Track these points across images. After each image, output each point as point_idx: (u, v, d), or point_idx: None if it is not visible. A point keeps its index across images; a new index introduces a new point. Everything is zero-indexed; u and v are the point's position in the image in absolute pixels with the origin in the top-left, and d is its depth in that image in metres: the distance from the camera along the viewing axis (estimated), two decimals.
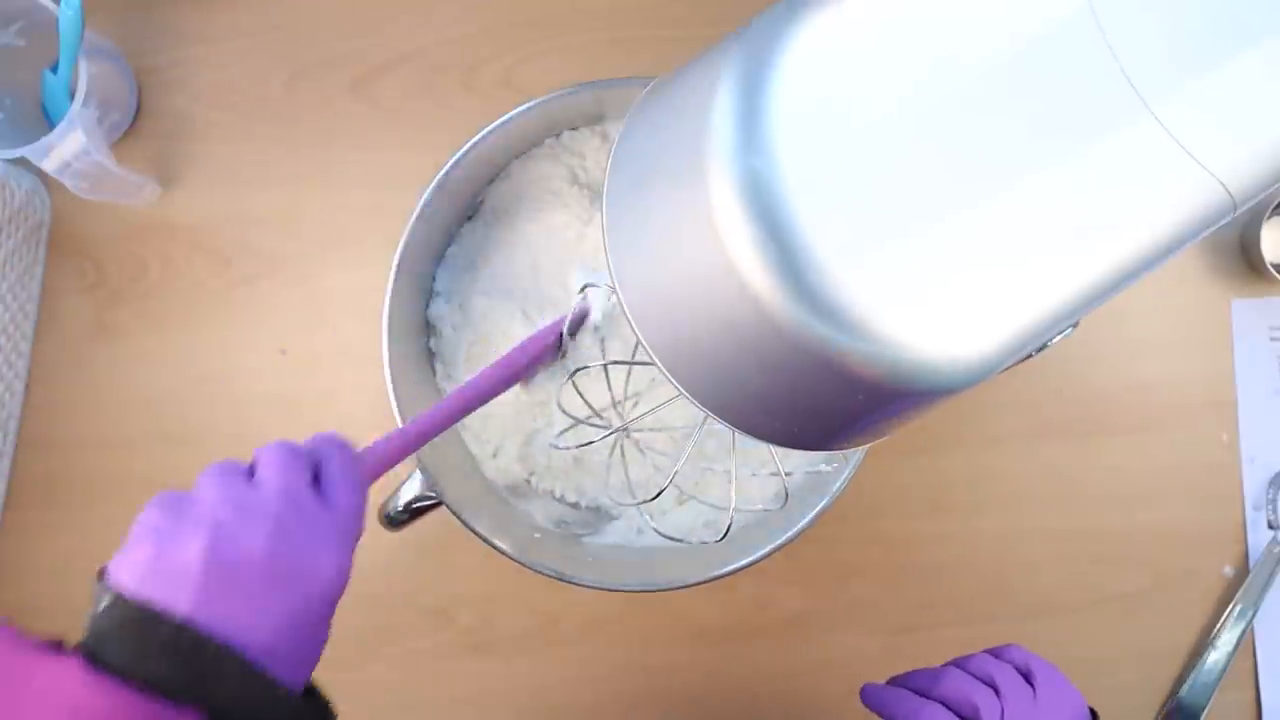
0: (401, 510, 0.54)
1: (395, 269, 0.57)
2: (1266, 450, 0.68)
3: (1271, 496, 0.67)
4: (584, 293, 0.54)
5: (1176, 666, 0.67)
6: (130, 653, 0.32)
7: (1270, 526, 0.67)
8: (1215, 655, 0.66)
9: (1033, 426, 0.69)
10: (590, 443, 0.53)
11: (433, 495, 0.53)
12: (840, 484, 0.56)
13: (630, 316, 0.33)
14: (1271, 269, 0.65)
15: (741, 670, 0.68)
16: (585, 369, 0.54)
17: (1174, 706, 0.66)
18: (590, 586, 0.57)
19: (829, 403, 0.32)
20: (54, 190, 0.69)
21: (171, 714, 0.32)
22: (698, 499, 0.61)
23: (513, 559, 0.57)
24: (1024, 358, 0.33)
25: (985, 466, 0.68)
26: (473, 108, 0.69)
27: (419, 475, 0.54)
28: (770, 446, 0.58)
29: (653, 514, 0.61)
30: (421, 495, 0.53)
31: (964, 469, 0.68)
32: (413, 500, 0.53)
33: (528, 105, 0.58)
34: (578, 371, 0.53)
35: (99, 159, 0.61)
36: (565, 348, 0.56)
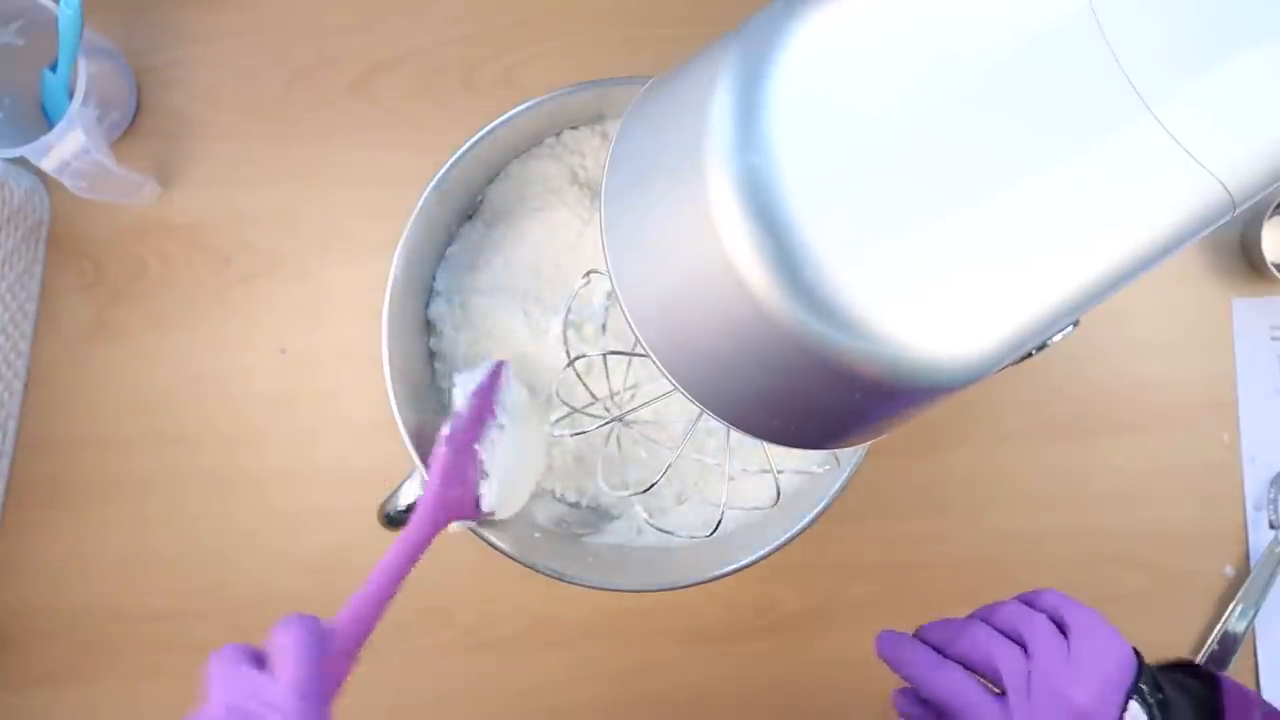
0: (402, 510, 0.54)
1: (395, 268, 0.57)
2: (1267, 450, 0.68)
3: (1272, 496, 0.67)
4: (588, 278, 0.54)
5: None
6: None
7: (1271, 526, 0.67)
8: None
9: (1033, 426, 0.68)
10: (584, 431, 0.53)
11: None
12: (840, 484, 0.56)
13: (628, 314, 0.33)
14: (1272, 268, 0.65)
15: (741, 670, 0.68)
16: (584, 357, 0.54)
17: None
18: (590, 586, 0.57)
19: (827, 401, 0.32)
20: (53, 189, 0.69)
21: None
22: (697, 498, 0.61)
23: (513, 559, 0.57)
24: (1024, 356, 0.33)
25: (985, 466, 0.68)
26: (472, 107, 0.69)
27: (419, 475, 0.54)
28: (765, 444, 0.58)
29: (651, 511, 0.61)
30: (421, 495, 0.53)
31: (964, 469, 0.68)
32: (413, 500, 0.53)
33: (527, 104, 0.58)
34: (576, 359, 0.53)
35: (98, 158, 0.61)
36: (567, 341, 0.56)
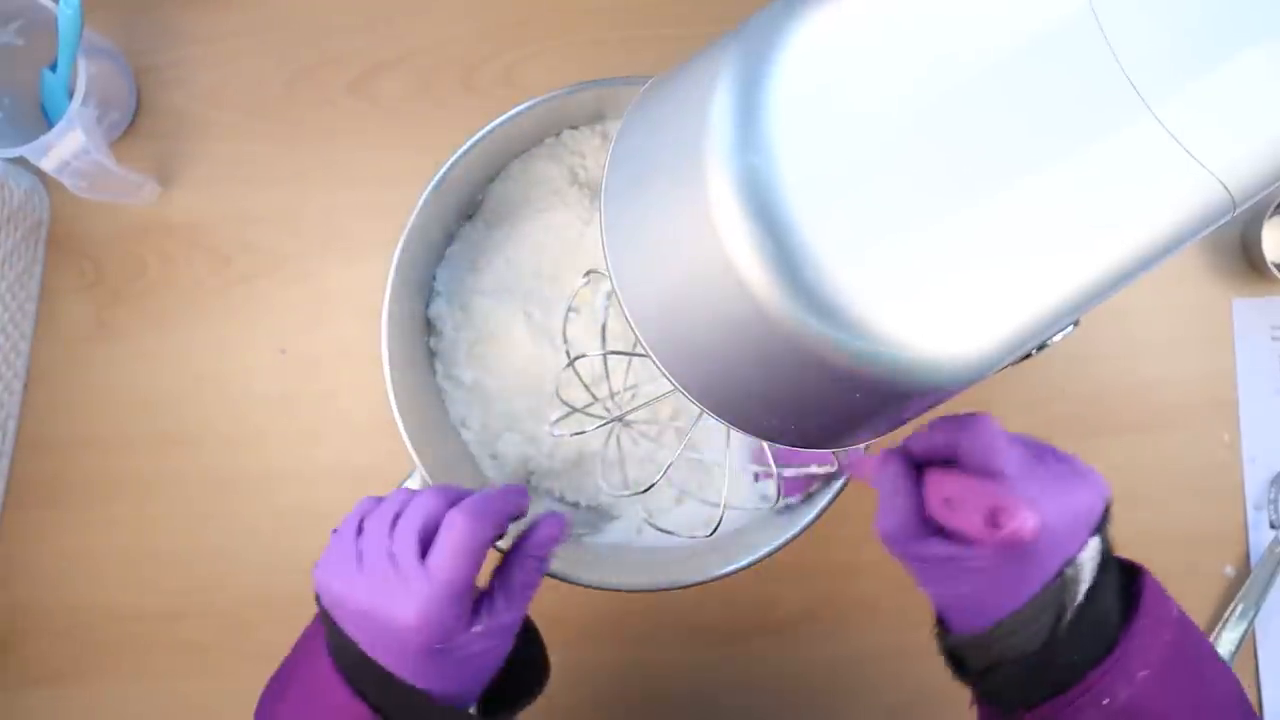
0: None
1: (395, 268, 0.57)
2: (1268, 450, 0.68)
3: (1273, 496, 0.67)
4: (588, 278, 0.54)
5: None
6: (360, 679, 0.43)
7: (1271, 526, 0.67)
8: None
9: (1034, 425, 0.68)
10: (583, 431, 0.53)
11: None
12: (841, 483, 0.56)
13: (628, 314, 0.33)
14: (1272, 268, 0.65)
15: (741, 670, 0.67)
16: (584, 357, 0.54)
17: None
18: (590, 586, 0.57)
19: (827, 401, 0.32)
20: (53, 189, 0.69)
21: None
22: (696, 498, 0.61)
23: None
24: (1024, 356, 0.33)
25: None
26: (472, 107, 0.69)
27: (419, 475, 0.54)
28: (765, 444, 0.58)
29: (650, 511, 0.61)
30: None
31: None
32: None
33: (528, 104, 0.58)
34: (577, 359, 0.53)
35: (98, 158, 0.61)
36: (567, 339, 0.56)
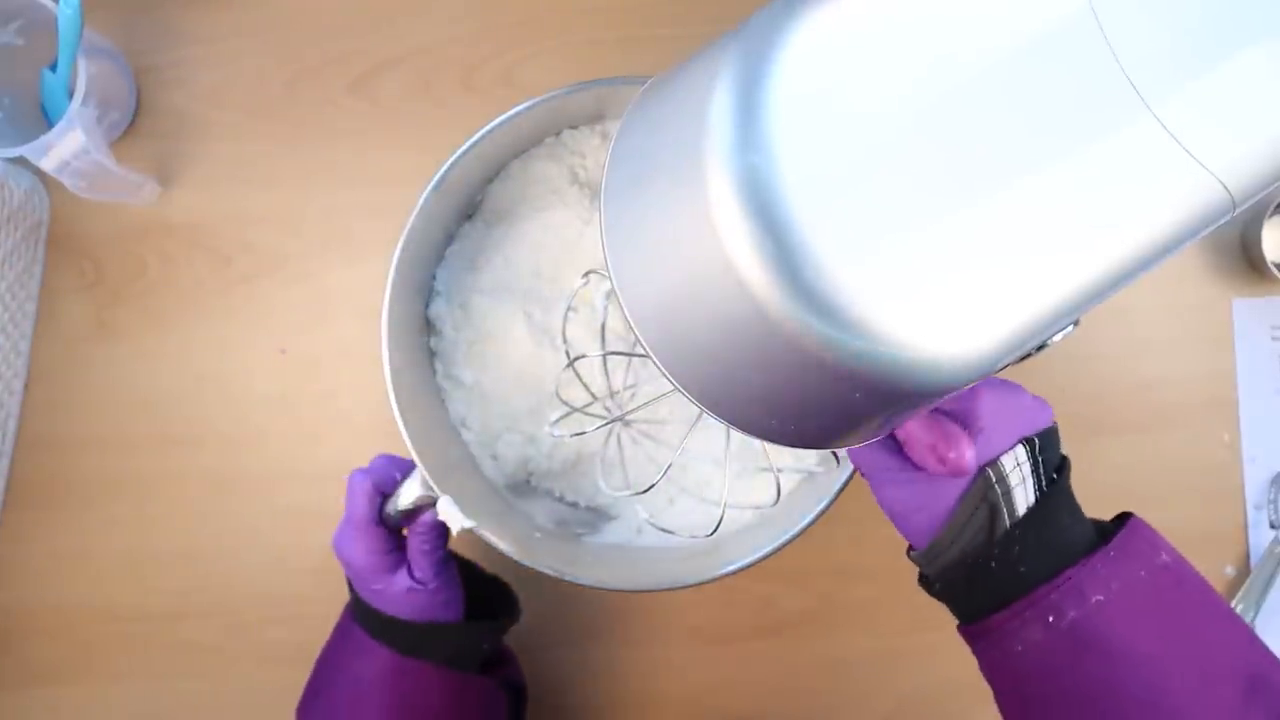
0: (403, 510, 0.54)
1: (395, 268, 0.57)
2: (1268, 450, 0.68)
3: (1272, 496, 0.67)
4: (587, 278, 0.54)
5: None
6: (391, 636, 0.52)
7: (1271, 526, 0.67)
8: None
9: None
10: (583, 432, 0.53)
11: (433, 495, 0.53)
12: (841, 484, 0.56)
13: (628, 314, 0.33)
14: (1273, 268, 0.65)
15: (742, 670, 0.67)
16: (584, 357, 0.54)
17: None
18: (590, 586, 0.57)
19: (827, 401, 0.32)
20: (53, 189, 0.69)
21: (429, 668, 0.52)
22: (696, 497, 0.61)
23: (513, 559, 0.57)
24: (1024, 356, 0.33)
25: None
26: (472, 106, 0.69)
27: (419, 475, 0.54)
28: (764, 444, 0.58)
29: (651, 511, 0.61)
30: (422, 495, 0.53)
31: None
32: (414, 500, 0.53)
33: (528, 104, 0.58)
34: (577, 360, 0.53)
35: (98, 158, 0.61)
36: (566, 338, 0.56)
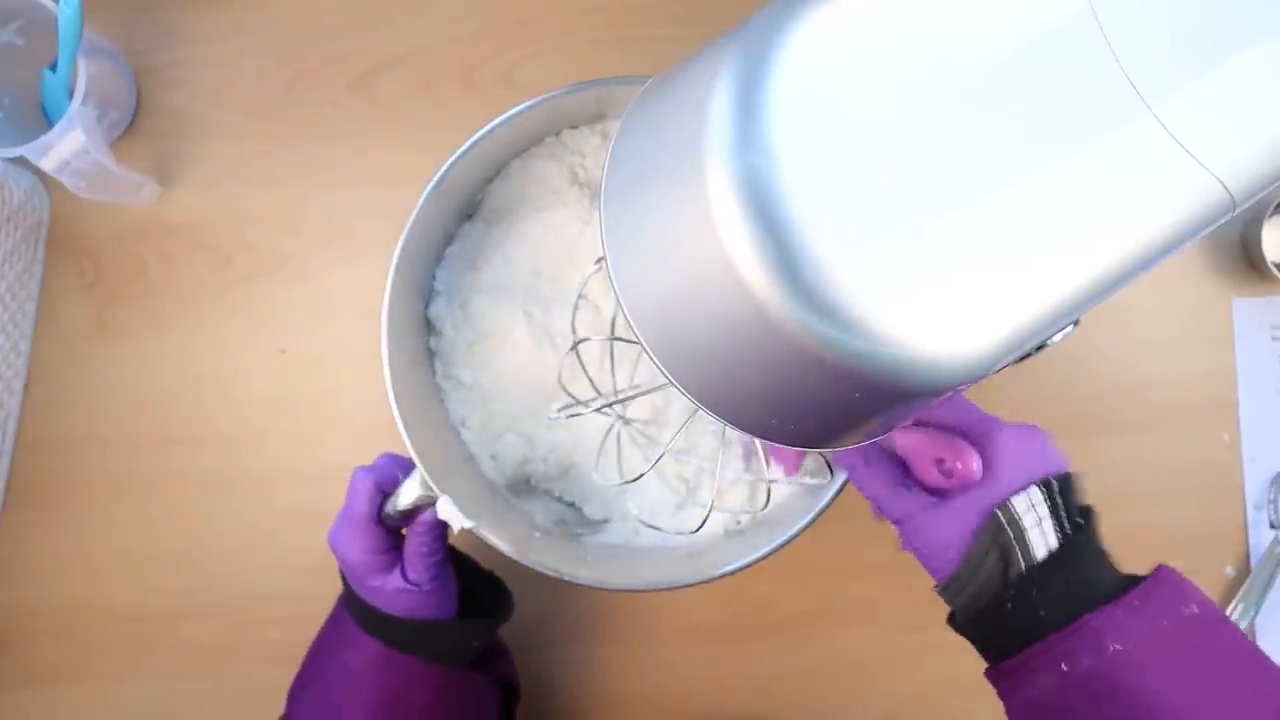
0: (402, 510, 0.54)
1: (395, 268, 0.57)
2: (1268, 450, 0.68)
3: (1272, 496, 0.67)
4: (599, 264, 0.54)
5: None
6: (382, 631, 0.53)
7: (1271, 526, 0.67)
8: None
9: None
10: (579, 414, 0.53)
11: (433, 495, 0.53)
12: (841, 484, 0.56)
13: (628, 314, 0.33)
14: (1273, 268, 0.65)
15: (741, 670, 0.67)
16: (587, 340, 0.54)
17: None
18: (590, 586, 0.57)
19: (826, 401, 0.32)
20: (53, 189, 0.69)
21: (417, 663, 0.52)
22: (690, 500, 0.61)
23: (513, 559, 0.57)
24: (1024, 356, 0.33)
25: None
26: (472, 106, 0.69)
27: (419, 475, 0.54)
28: (760, 451, 0.58)
29: (643, 509, 0.61)
30: (422, 495, 0.53)
31: None
32: (414, 500, 0.53)
33: (527, 104, 0.57)
34: (581, 342, 0.53)
35: (98, 158, 0.61)
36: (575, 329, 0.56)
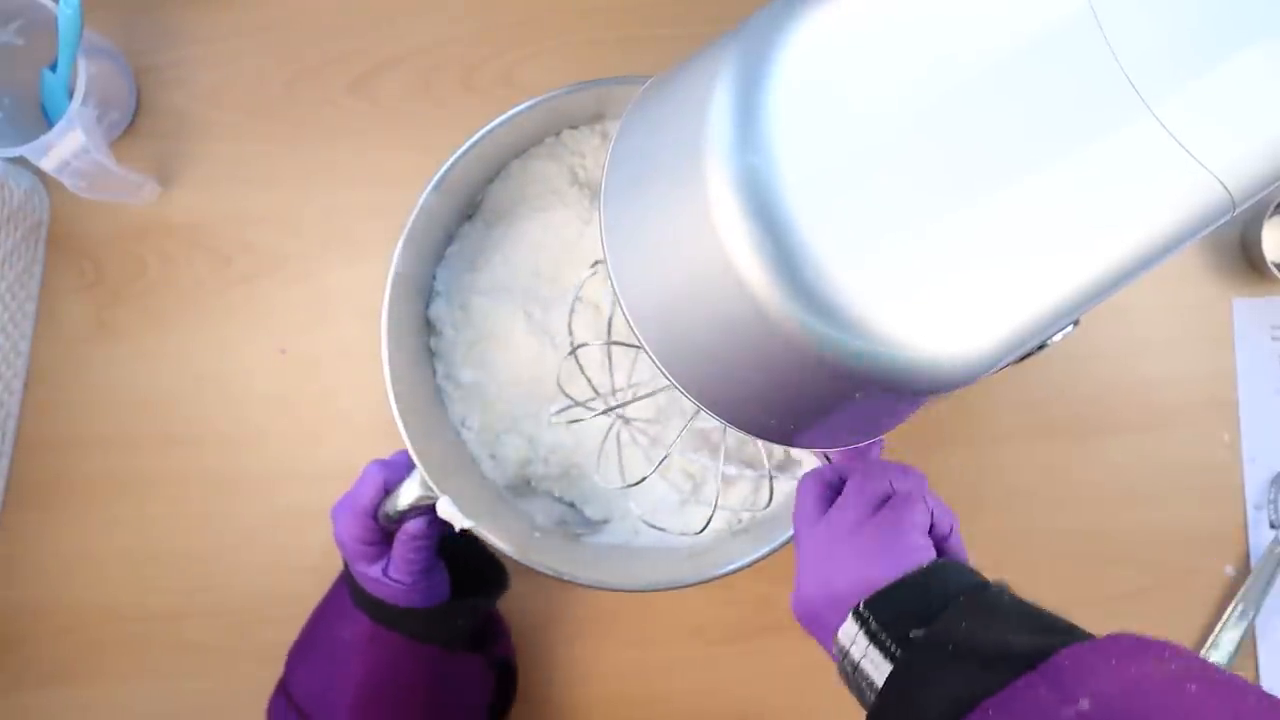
0: (402, 510, 0.54)
1: (394, 268, 0.57)
2: (1268, 450, 0.68)
3: (1273, 496, 0.67)
4: (595, 268, 0.54)
5: None
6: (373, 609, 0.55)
7: (1271, 526, 0.67)
8: (1216, 655, 0.65)
9: (1033, 425, 0.68)
10: (579, 420, 0.53)
11: (433, 495, 0.53)
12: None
13: (628, 313, 0.33)
14: (1273, 268, 0.65)
15: (741, 670, 0.67)
16: (586, 345, 0.54)
17: None
18: (590, 586, 0.57)
19: (826, 401, 0.32)
20: (53, 189, 0.69)
21: (402, 640, 0.55)
22: (693, 499, 0.61)
23: (513, 559, 0.57)
24: (1024, 356, 0.33)
25: (986, 465, 0.68)
26: (472, 106, 0.69)
27: (419, 475, 0.54)
28: (761, 449, 0.58)
29: (645, 510, 0.61)
30: (422, 495, 0.53)
31: (964, 467, 0.68)
32: (413, 500, 0.53)
33: (527, 104, 0.58)
34: (579, 347, 0.53)
35: (98, 158, 0.61)
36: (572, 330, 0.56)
